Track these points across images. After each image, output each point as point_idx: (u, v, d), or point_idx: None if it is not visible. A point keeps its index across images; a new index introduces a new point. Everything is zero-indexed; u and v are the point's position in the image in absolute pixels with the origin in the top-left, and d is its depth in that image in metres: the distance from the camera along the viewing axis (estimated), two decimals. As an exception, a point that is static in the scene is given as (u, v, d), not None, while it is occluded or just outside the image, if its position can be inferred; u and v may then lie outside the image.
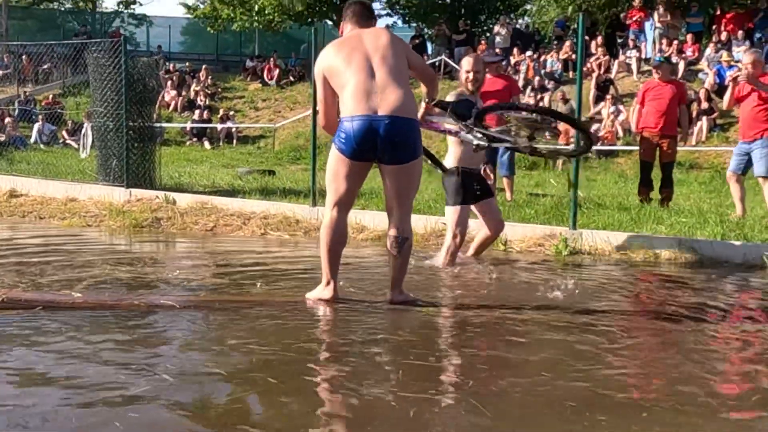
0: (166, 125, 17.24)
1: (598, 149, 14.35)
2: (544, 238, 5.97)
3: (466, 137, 4.65)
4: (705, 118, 14.37)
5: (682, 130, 8.00)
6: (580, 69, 6.40)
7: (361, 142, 3.58)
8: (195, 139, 17.86)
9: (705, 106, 14.61)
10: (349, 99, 3.63)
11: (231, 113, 18.99)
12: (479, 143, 4.54)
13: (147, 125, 9.04)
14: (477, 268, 5.04)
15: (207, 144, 17.57)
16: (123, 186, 8.53)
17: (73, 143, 15.55)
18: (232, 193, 8.36)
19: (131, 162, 8.67)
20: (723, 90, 12.33)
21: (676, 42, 17.56)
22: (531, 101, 16.07)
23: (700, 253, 5.48)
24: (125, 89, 8.62)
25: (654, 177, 7.92)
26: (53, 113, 16.83)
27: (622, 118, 14.73)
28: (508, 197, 8.09)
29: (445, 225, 5.29)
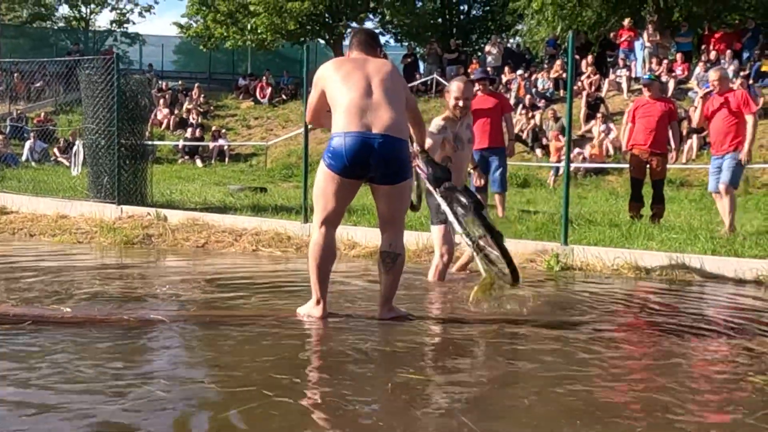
0: (158, 143, 17.22)
1: (587, 167, 14.45)
2: (535, 253, 5.99)
3: (436, 197, 4.56)
4: (695, 136, 14.46)
5: (673, 146, 8.06)
6: (570, 87, 6.44)
7: (353, 158, 3.56)
8: (187, 157, 17.86)
9: (695, 124, 14.71)
10: (342, 115, 3.61)
11: (223, 131, 19.01)
12: (443, 210, 4.47)
13: (139, 143, 9.02)
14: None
15: (199, 162, 17.59)
16: (114, 203, 8.50)
17: (65, 161, 15.51)
18: (223, 210, 8.34)
19: (123, 179, 8.65)
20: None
21: (665, 61, 17.74)
22: (522, 119, 16.18)
23: (690, 269, 5.51)
24: (117, 107, 8.62)
25: (645, 194, 7.95)
26: (45, 131, 16.80)
27: (612, 136, 14.82)
28: (500, 214, 8.10)
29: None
